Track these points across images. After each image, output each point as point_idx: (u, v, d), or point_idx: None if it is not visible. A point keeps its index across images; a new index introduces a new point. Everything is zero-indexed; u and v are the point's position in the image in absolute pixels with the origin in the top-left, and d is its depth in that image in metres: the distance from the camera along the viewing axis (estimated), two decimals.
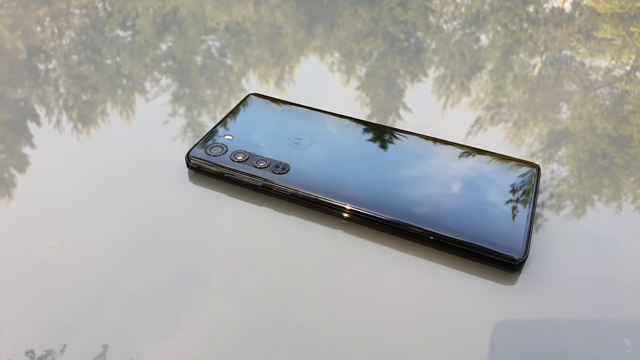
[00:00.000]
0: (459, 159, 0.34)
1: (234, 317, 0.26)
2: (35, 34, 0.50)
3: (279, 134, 0.35)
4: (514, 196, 0.31)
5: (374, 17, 0.56)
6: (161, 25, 0.53)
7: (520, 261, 0.28)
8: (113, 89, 0.44)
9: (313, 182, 0.31)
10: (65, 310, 0.26)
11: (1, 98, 0.42)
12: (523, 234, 0.29)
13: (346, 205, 0.30)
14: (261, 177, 0.32)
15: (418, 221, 0.29)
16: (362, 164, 0.33)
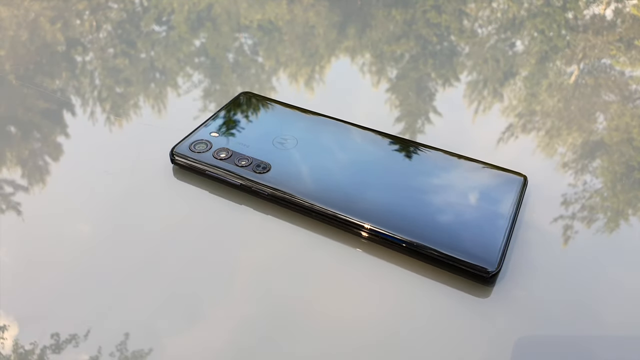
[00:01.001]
0: (444, 166, 0.33)
1: (194, 315, 0.26)
2: (74, 27, 0.51)
3: (265, 134, 0.35)
4: (494, 206, 0.30)
5: (407, 20, 0.55)
6: (195, 22, 0.54)
7: (493, 274, 0.27)
8: (146, 83, 0.45)
9: (291, 182, 0.31)
10: (91, 297, 0.27)
11: (40, 88, 0.43)
12: (499, 246, 0.28)
13: (321, 208, 0.30)
14: (241, 176, 0.32)
15: (391, 227, 0.28)
16: (344, 167, 0.33)
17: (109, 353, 0.24)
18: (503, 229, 0.29)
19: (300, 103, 0.43)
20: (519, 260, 0.29)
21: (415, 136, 0.39)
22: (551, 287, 0.28)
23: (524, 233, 0.31)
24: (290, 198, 0.30)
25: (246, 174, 0.32)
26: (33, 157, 0.36)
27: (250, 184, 0.31)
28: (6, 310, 0.26)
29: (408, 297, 0.27)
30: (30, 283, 0.28)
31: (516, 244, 0.30)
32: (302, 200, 0.30)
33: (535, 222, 0.31)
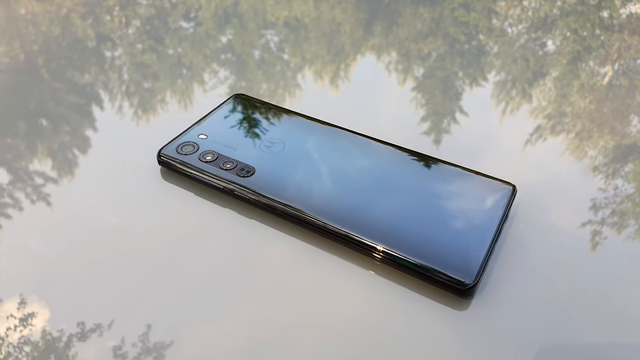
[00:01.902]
0: (431, 174, 0.32)
1: (175, 319, 0.26)
2: (104, 23, 0.52)
3: (252, 137, 0.35)
4: (479, 217, 0.29)
5: (435, 18, 0.55)
6: (222, 18, 0.54)
7: (469, 286, 0.26)
8: (173, 78, 0.45)
9: (274, 187, 0.31)
10: (116, 288, 0.27)
11: (70, 82, 0.44)
12: (479, 258, 0.27)
13: (301, 213, 0.29)
14: (224, 179, 0.31)
15: (369, 236, 0.28)
16: (329, 173, 0.32)
17: (132, 343, 0.25)
18: (485, 241, 0.28)
19: (324, 100, 0.43)
20: (501, 273, 0.28)
21: (441, 136, 0.39)
22: (532, 302, 0.27)
23: (511, 244, 0.30)
24: (271, 203, 0.30)
25: (230, 177, 0.31)
26: (62, 149, 0.37)
27: (233, 187, 0.31)
28: (36, 297, 0.27)
29: (383, 307, 0.27)
30: (58, 272, 0.28)
31: (500, 255, 0.29)
32: (282, 206, 0.30)
33: (523, 234, 0.31)
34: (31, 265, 0.29)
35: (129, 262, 0.29)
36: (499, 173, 0.35)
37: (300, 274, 0.28)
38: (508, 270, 0.28)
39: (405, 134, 0.39)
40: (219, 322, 0.26)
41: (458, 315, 0.26)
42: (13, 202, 0.32)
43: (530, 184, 0.34)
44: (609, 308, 0.27)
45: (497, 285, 0.28)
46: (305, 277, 0.28)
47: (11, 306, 0.26)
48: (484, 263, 0.27)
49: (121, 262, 0.29)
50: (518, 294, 0.27)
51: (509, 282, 0.28)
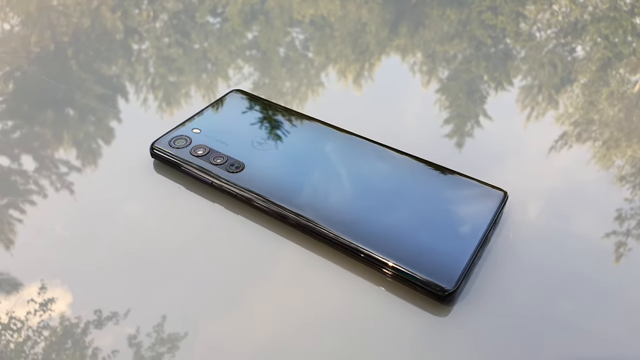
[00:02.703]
0: (421, 177, 0.32)
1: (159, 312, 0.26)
2: (133, 16, 0.53)
3: (246, 133, 0.35)
4: (467, 222, 0.29)
5: (462, 20, 0.54)
6: (249, 14, 0.54)
7: (449, 292, 0.25)
8: (198, 73, 0.45)
9: (261, 184, 0.31)
10: (133, 277, 0.28)
11: (97, 73, 0.45)
12: (461, 264, 0.26)
13: (285, 211, 0.29)
14: (213, 174, 0.31)
15: (353, 237, 0.28)
16: (317, 171, 0.32)
17: (146, 333, 0.25)
18: (470, 247, 0.27)
19: (347, 99, 0.43)
20: (487, 280, 0.28)
21: (464, 139, 0.38)
22: (515, 312, 0.26)
23: (499, 251, 0.29)
24: (256, 200, 0.30)
25: (219, 172, 0.31)
26: (87, 139, 0.37)
27: (221, 182, 0.31)
28: (56, 283, 0.27)
29: (364, 310, 0.26)
30: (78, 259, 0.29)
31: (488, 262, 0.29)
32: (268, 203, 0.30)
33: (513, 241, 0.30)
34: (53, 251, 0.29)
35: (145, 253, 0.29)
36: (521, 179, 0.34)
37: (282, 270, 0.28)
38: (494, 278, 0.28)
39: (427, 136, 0.39)
40: (232, 316, 0.26)
41: (438, 321, 0.26)
42: (38, 189, 0.33)
43: (554, 190, 0.34)
44: (594, 322, 0.26)
45: (481, 293, 0.27)
46: (286, 273, 0.28)
47: (32, 291, 0.27)
48: (466, 269, 0.26)
49: (139, 253, 0.29)
50: (502, 303, 0.27)
51: (494, 290, 0.27)
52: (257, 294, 0.27)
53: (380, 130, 0.39)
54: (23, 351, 0.24)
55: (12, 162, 0.35)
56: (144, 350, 0.25)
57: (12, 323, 0.26)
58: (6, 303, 0.26)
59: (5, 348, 0.25)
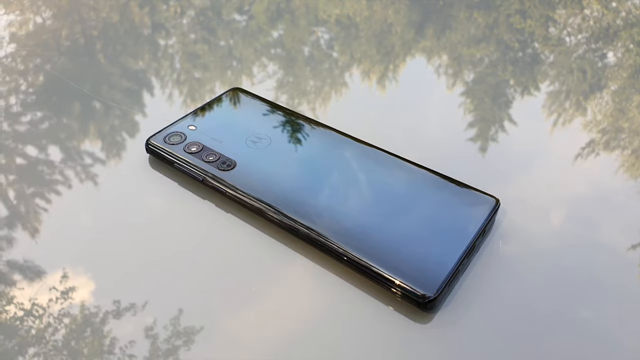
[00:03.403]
0: (413, 182, 0.31)
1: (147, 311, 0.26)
2: (160, 12, 0.54)
3: (241, 131, 0.35)
4: (454, 229, 0.28)
5: (489, 23, 0.53)
6: (275, 13, 0.54)
7: (429, 299, 0.25)
8: (223, 70, 0.46)
9: (251, 183, 0.31)
10: (153, 270, 0.28)
11: (124, 68, 0.45)
12: (445, 271, 0.26)
13: (272, 210, 0.29)
14: (204, 171, 0.31)
15: (337, 239, 0.27)
16: (309, 172, 0.32)
17: (163, 325, 0.25)
18: (455, 255, 0.27)
19: (370, 100, 0.43)
20: (472, 290, 0.27)
21: (488, 144, 0.38)
22: (498, 324, 0.26)
23: (487, 260, 0.29)
24: (243, 198, 0.30)
25: (210, 170, 0.31)
26: (112, 132, 0.38)
27: (211, 180, 0.31)
28: (78, 272, 0.28)
29: (342, 312, 0.26)
30: (100, 250, 0.29)
31: (474, 271, 0.28)
32: (255, 201, 0.30)
33: (505, 250, 0.29)
34: (75, 241, 0.30)
35: (165, 247, 0.29)
36: (545, 186, 0.33)
37: (265, 269, 0.28)
38: (480, 288, 0.27)
39: (450, 139, 0.38)
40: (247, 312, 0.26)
41: (418, 328, 0.26)
42: (63, 179, 0.34)
43: (578, 198, 0.33)
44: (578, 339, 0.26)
45: (465, 303, 0.27)
46: (270, 272, 0.28)
47: (54, 279, 0.27)
48: (449, 277, 0.26)
49: (158, 246, 0.29)
50: (485, 315, 0.26)
51: (478, 300, 0.27)
52: (237, 292, 0.27)
53: (403, 132, 0.39)
54: (44, 337, 0.25)
55: (39, 153, 0.36)
56: (160, 342, 0.25)
57: (34, 309, 0.26)
58: (29, 290, 0.27)
59: (27, 333, 0.25)
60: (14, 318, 0.26)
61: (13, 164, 0.35)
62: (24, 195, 0.33)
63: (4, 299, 0.27)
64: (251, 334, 0.25)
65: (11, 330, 0.25)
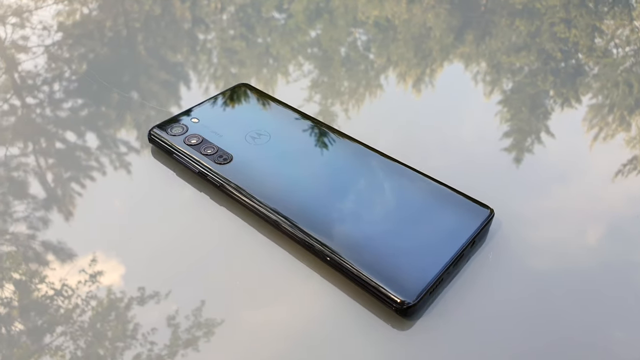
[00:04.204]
0: (408, 187, 0.31)
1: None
2: (201, 7, 0.54)
3: (242, 127, 0.35)
4: (443, 237, 0.28)
5: (532, 32, 0.52)
6: (314, 12, 0.55)
7: (408, 306, 0.24)
8: (259, 67, 0.46)
9: (244, 178, 0.31)
10: (177, 261, 0.28)
11: (163, 60, 0.46)
12: (427, 279, 0.25)
13: (260, 205, 0.29)
14: (200, 163, 0.32)
15: (323, 239, 0.27)
16: (303, 169, 0.32)
17: (185, 315, 0.26)
18: (440, 262, 0.26)
19: (405, 104, 0.42)
20: (456, 299, 0.26)
21: (523, 155, 0.37)
22: (478, 337, 0.25)
23: (479, 270, 0.28)
24: (236, 192, 0.30)
25: (206, 162, 0.32)
26: (147, 123, 0.39)
27: (206, 172, 0.31)
28: (107, 257, 0.28)
29: (324, 314, 0.26)
30: (129, 237, 0.30)
31: (461, 281, 0.27)
32: (246, 196, 0.30)
33: (494, 262, 0.29)
34: (106, 227, 0.31)
35: (190, 237, 0.30)
36: (581, 201, 0.32)
37: (248, 262, 0.28)
38: (464, 299, 0.27)
39: (484, 148, 0.37)
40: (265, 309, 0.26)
41: (396, 334, 0.25)
42: (98, 165, 0.35)
43: (617, 217, 0.32)
44: None
45: (447, 312, 0.26)
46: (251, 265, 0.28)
47: (84, 262, 0.28)
48: (431, 285, 0.26)
49: (186, 236, 0.30)
50: (466, 327, 0.26)
51: (461, 311, 0.26)
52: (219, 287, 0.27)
53: (436, 137, 0.38)
54: (71, 317, 0.26)
55: (77, 139, 0.37)
56: (180, 332, 0.25)
57: (63, 290, 0.27)
58: (60, 271, 0.28)
59: (56, 312, 0.26)
60: (45, 297, 0.27)
61: (53, 148, 0.36)
62: (61, 179, 0.34)
63: (37, 277, 0.27)
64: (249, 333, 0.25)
65: (42, 308, 0.26)
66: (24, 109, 0.40)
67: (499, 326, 0.26)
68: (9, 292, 0.27)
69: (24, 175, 0.33)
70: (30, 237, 0.30)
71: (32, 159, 0.35)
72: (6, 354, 0.24)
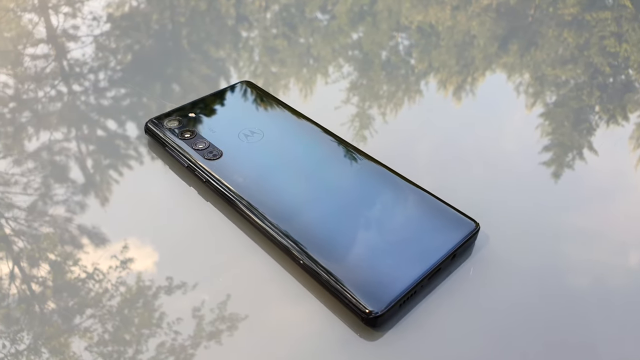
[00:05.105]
0: (395, 195, 0.30)
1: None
2: (246, 4, 0.55)
3: (237, 124, 0.35)
4: (423, 247, 0.27)
5: (580, 44, 0.51)
6: (357, 15, 0.55)
7: (375, 316, 0.24)
8: (299, 67, 0.46)
9: (230, 175, 0.31)
10: (207, 254, 0.29)
11: (205, 55, 0.47)
12: (399, 289, 0.25)
13: (242, 204, 0.29)
14: (190, 157, 0.32)
15: (299, 243, 0.27)
16: (290, 171, 0.31)
17: (210, 308, 0.26)
18: (415, 273, 0.26)
19: (442, 110, 0.42)
20: (429, 313, 0.26)
21: (562, 170, 0.36)
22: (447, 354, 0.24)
23: (457, 285, 0.27)
24: (219, 188, 0.30)
25: (195, 157, 0.32)
26: None
27: (195, 167, 0.32)
28: (138, 245, 0.29)
29: (295, 320, 0.26)
30: (161, 227, 0.30)
31: (437, 294, 0.27)
32: (229, 192, 0.30)
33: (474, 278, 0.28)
34: (139, 215, 0.31)
35: (223, 230, 0.30)
36: (621, 224, 0.31)
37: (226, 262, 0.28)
38: (438, 313, 0.26)
39: (522, 161, 0.37)
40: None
41: (364, 345, 0.25)
42: (136, 155, 0.35)
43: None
44: None
45: (418, 325, 0.25)
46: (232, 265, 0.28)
47: (117, 248, 0.29)
48: (402, 296, 0.25)
49: (220, 230, 0.30)
50: (436, 342, 0.25)
51: (433, 325, 0.25)
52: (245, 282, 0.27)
53: (474, 146, 0.37)
54: (101, 301, 0.26)
55: (118, 127, 0.38)
56: (205, 324, 0.25)
57: (95, 274, 0.28)
58: (93, 255, 0.29)
59: (87, 295, 0.27)
60: (77, 279, 0.27)
61: (94, 135, 0.37)
62: (100, 165, 0.34)
63: (71, 259, 0.28)
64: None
65: (74, 290, 0.27)
66: (69, 95, 0.41)
67: (469, 344, 0.25)
68: (44, 271, 0.28)
69: (66, 160, 0.35)
70: (67, 220, 0.30)
71: (74, 144, 0.36)
72: (38, 332, 0.25)
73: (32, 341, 0.25)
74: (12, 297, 0.26)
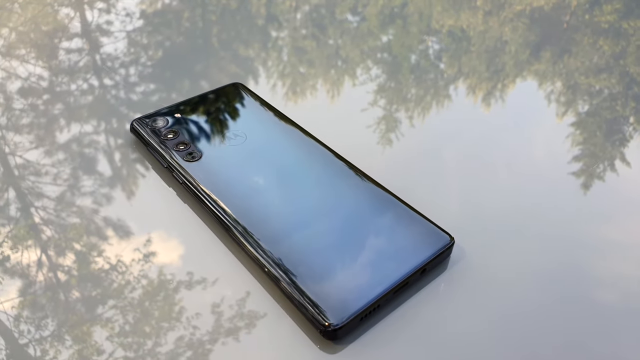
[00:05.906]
0: (369, 204, 0.29)
1: None
2: (276, 4, 0.55)
3: (221, 127, 0.35)
4: (392, 260, 0.26)
5: (616, 53, 0.49)
6: (387, 17, 0.54)
7: (333, 329, 0.23)
8: (327, 68, 0.46)
9: (207, 177, 0.30)
10: (226, 251, 0.29)
11: (235, 53, 0.47)
12: (361, 302, 0.24)
13: (213, 206, 0.29)
14: (169, 158, 0.32)
15: (265, 249, 0.27)
16: (267, 176, 0.31)
17: (229, 305, 0.26)
18: (380, 287, 0.25)
19: (471, 116, 0.41)
20: (392, 328, 0.25)
21: (592, 181, 0.35)
22: None
23: (426, 300, 0.26)
24: (195, 189, 0.30)
25: (175, 158, 0.32)
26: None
27: (172, 167, 0.31)
28: (161, 239, 0.29)
29: (256, 328, 0.25)
30: (183, 223, 0.31)
31: (403, 309, 0.26)
32: (201, 194, 0.30)
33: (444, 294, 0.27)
34: (163, 210, 0.32)
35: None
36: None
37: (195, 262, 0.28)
38: (404, 329, 0.25)
39: (551, 170, 0.36)
40: None
41: (321, 357, 0.24)
42: None
43: None
44: None
45: (381, 341, 0.25)
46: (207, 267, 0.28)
47: (140, 241, 0.29)
48: (363, 309, 0.24)
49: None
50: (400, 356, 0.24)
51: (396, 342, 0.25)
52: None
53: (501, 154, 0.37)
54: (123, 293, 0.27)
55: None
56: (223, 320, 0.26)
57: (118, 265, 0.28)
58: (117, 247, 0.29)
59: (110, 286, 0.27)
60: (101, 270, 0.28)
61: (123, 129, 0.38)
62: (128, 159, 0.35)
63: (96, 250, 0.29)
64: None
65: (97, 280, 0.27)
66: (100, 89, 0.42)
67: None
68: (70, 261, 0.28)
69: (94, 153, 0.35)
70: (94, 212, 0.31)
71: (102, 137, 0.37)
72: (62, 319, 0.26)
73: (56, 328, 0.25)
74: (38, 284, 0.27)
